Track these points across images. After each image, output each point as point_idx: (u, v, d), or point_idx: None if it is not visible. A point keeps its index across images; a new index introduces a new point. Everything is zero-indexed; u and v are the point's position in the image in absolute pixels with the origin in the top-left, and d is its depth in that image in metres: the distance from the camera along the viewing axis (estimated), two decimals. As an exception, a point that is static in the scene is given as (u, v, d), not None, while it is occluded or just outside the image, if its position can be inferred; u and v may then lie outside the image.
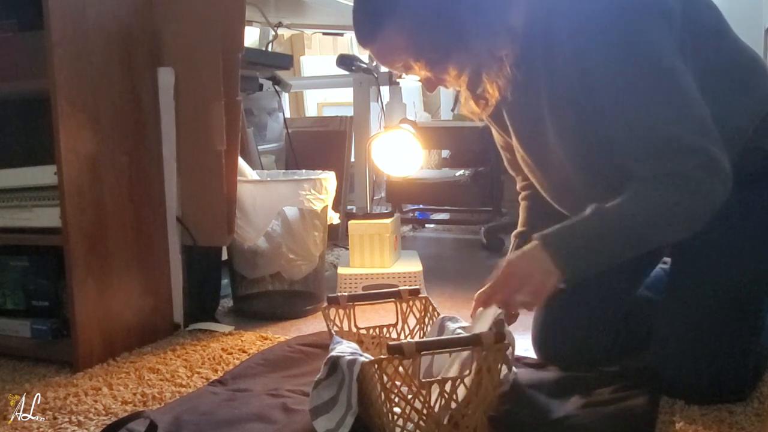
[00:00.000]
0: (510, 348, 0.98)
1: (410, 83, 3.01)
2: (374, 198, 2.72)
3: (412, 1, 1.03)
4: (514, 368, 1.18)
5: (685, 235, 1.02)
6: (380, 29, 1.06)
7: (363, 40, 1.10)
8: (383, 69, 2.44)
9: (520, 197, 1.36)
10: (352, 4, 1.13)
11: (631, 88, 0.99)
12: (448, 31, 1.03)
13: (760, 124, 1.08)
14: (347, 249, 2.02)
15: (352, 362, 0.92)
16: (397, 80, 2.43)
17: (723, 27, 1.10)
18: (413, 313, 1.29)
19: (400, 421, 0.92)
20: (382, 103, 2.52)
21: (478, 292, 1.07)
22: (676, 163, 0.97)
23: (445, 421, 0.93)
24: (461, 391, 0.93)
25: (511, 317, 1.21)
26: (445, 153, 3.15)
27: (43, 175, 1.39)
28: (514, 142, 1.22)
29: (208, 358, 1.40)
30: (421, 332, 1.28)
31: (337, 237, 2.52)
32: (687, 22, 1.03)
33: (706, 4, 1.09)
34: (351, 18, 1.13)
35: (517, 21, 1.06)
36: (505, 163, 1.35)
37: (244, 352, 1.43)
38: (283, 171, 2.10)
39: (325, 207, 1.78)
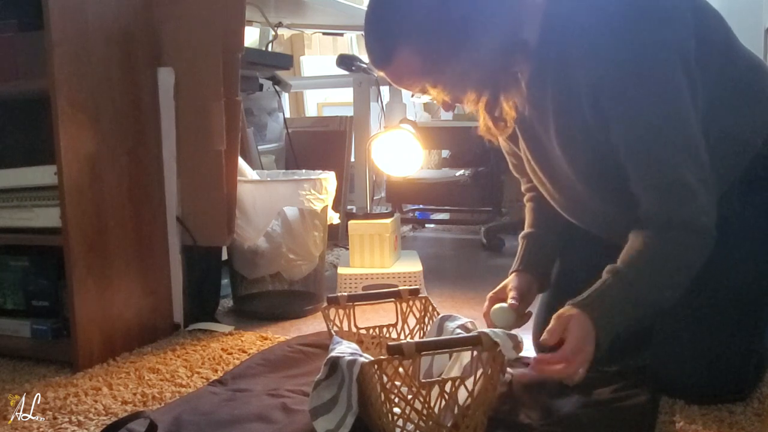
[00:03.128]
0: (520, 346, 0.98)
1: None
2: (374, 198, 2.71)
3: (424, 22, 1.01)
4: (510, 369, 1.18)
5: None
6: (394, 53, 1.03)
7: (377, 65, 1.08)
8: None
9: (525, 198, 1.36)
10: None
11: (643, 121, 1.00)
12: (462, 51, 1.02)
13: (761, 132, 1.09)
14: (347, 249, 2.02)
15: (352, 363, 0.92)
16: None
17: (731, 39, 1.10)
18: (413, 313, 1.29)
19: (400, 422, 0.92)
20: (382, 103, 2.53)
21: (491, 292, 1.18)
22: (683, 208, 1.00)
23: (448, 424, 0.93)
24: (461, 392, 0.93)
25: (524, 317, 1.21)
26: (445, 153, 3.15)
27: (43, 175, 1.39)
28: (525, 153, 1.22)
29: (208, 358, 1.40)
30: (421, 332, 1.28)
31: (337, 237, 2.52)
32: (698, 39, 1.02)
33: (714, 16, 1.09)
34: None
35: (531, 37, 1.06)
36: (511, 168, 1.35)
37: (244, 352, 1.43)
38: (283, 171, 2.10)
39: (325, 207, 1.78)
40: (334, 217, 1.84)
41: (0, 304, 1.59)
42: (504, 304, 1.19)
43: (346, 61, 2.36)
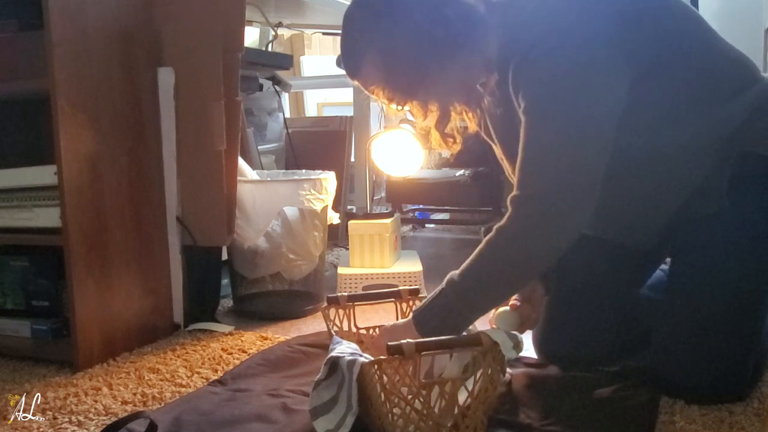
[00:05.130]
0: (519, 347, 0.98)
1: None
2: (374, 198, 2.71)
3: (386, 46, 1.06)
4: (509, 369, 1.18)
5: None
6: (359, 70, 1.11)
7: (348, 76, 1.16)
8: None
9: None
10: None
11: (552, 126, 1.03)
12: (417, 80, 1.07)
13: (746, 128, 1.09)
14: (347, 249, 2.02)
15: (352, 363, 0.92)
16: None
17: (708, 38, 1.11)
18: (413, 313, 1.29)
19: (401, 422, 0.92)
20: (382, 103, 2.52)
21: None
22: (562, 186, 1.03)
23: (448, 424, 0.93)
24: (461, 392, 0.93)
25: (530, 320, 1.20)
26: (445, 153, 3.15)
27: (43, 175, 1.39)
28: (502, 155, 1.24)
29: (208, 358, 1.40)
30: (421, 332, 1.28)
31: (337, 237, 2.52)
32: (658, 43, 1.06)
33: (684, 16, 1.10)
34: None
35: (493, 52, 1.09)
36: (507, 175, 1.36)
37: (244, 352, 1.43)
38: (283, 171, 2.10)
39: (325, 207, 1.78)
40: (334, 217, 1.85)
41: (0, 304, 1.59)
42: (506, 308, 1.18)
43: (346, 61, 2.35)
